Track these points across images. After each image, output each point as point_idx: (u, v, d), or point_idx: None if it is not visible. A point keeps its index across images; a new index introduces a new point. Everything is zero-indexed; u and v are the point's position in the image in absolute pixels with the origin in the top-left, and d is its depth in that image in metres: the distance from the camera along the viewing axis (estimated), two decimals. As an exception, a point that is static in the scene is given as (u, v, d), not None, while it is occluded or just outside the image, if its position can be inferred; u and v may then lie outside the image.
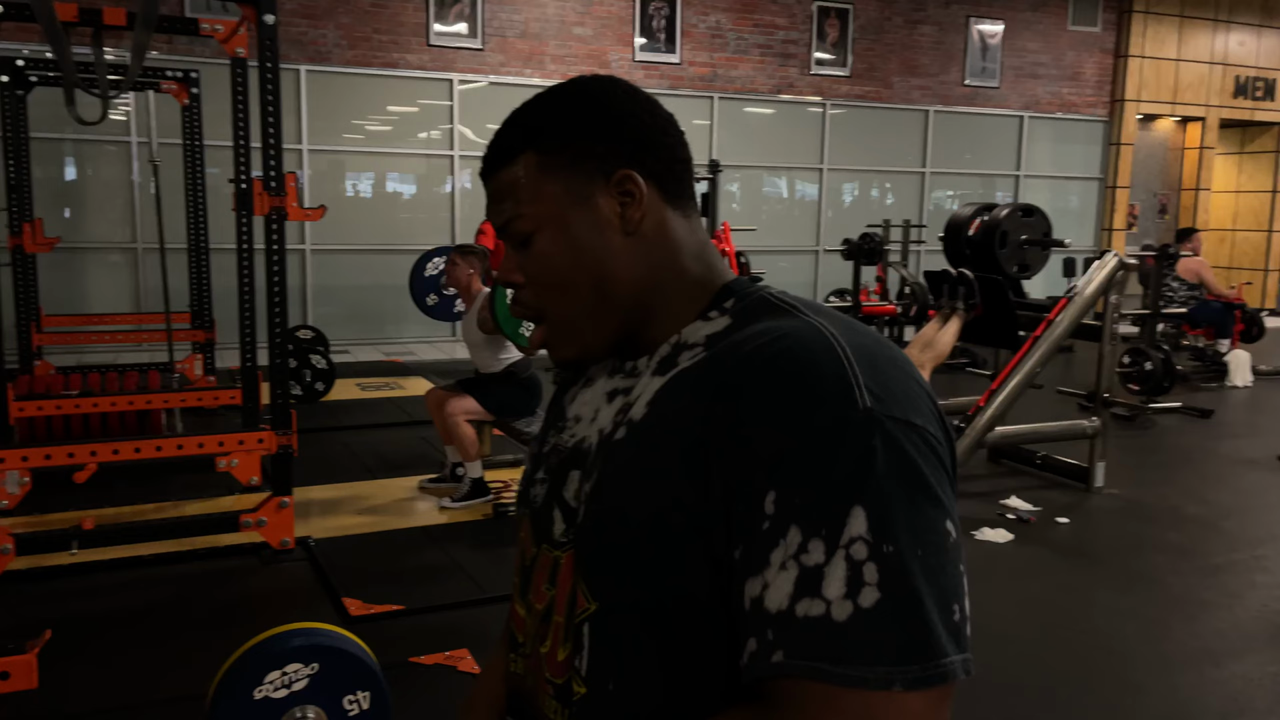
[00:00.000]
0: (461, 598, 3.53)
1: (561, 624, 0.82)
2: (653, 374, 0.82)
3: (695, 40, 10.65)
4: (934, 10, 11.68)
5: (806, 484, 0.66)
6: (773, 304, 0.80)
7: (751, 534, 0.68)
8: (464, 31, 9.71)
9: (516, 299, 0.87)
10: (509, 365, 4.69)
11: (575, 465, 0.85)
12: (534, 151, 0.82)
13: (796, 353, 0.70)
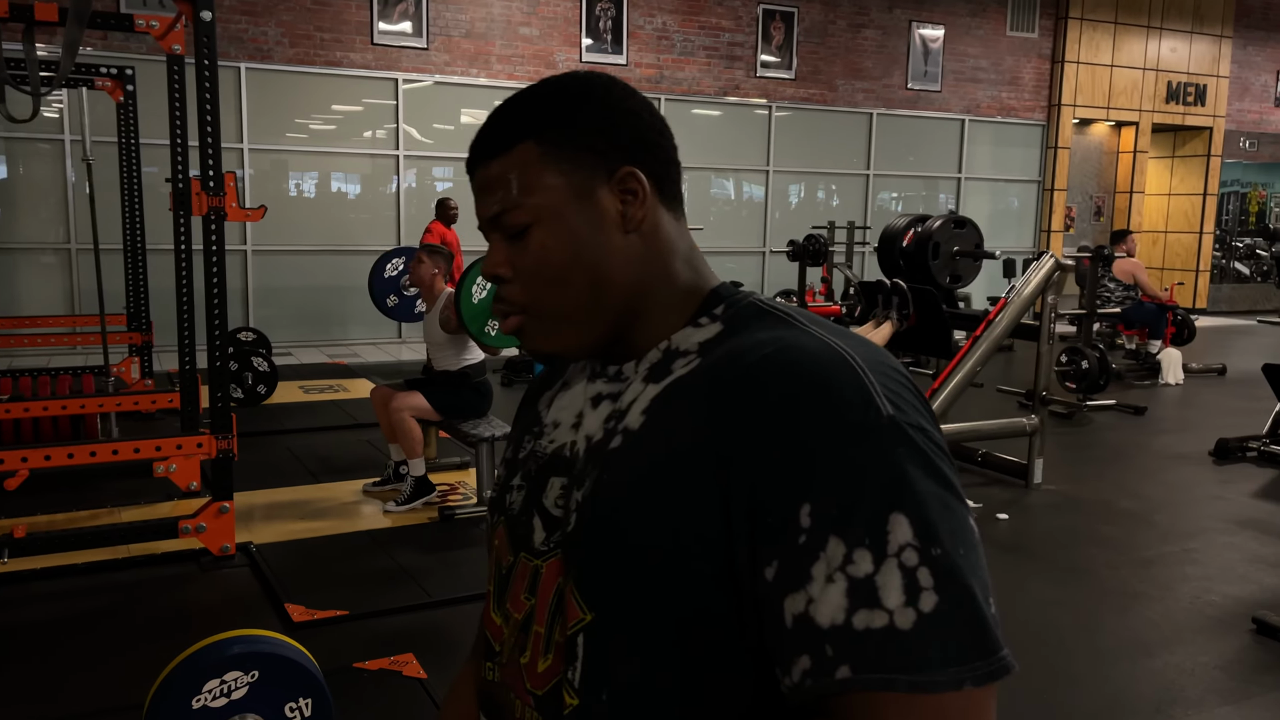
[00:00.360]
0: (407, 602, 3.50)
1: (542, 634, 0.80)
2: (643, 380, 0.80)
3: (642, 42, 10.67)
4: (877, 14, 11.83)
5: (842, 494, 0.65)
6: (766, 311, 0.79)
7: (786, 548, 0.66)
8: (408, 30, 9.63)
9: (501, 294, 0.83)
10: (466, 366, 4.67)
11: (556, 472, 0.83)
12: (535, 142, 0.79)
13: (811, 364, 0.70)
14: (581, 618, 0.76)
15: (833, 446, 0.66)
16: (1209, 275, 14.49)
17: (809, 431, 0.67)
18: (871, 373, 0.70)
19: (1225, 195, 15.54)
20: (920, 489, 0.66)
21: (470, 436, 4.48)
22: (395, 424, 4.49)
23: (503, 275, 0.82)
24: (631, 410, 0.79)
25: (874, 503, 0.65)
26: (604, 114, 0.80)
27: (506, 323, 0.83)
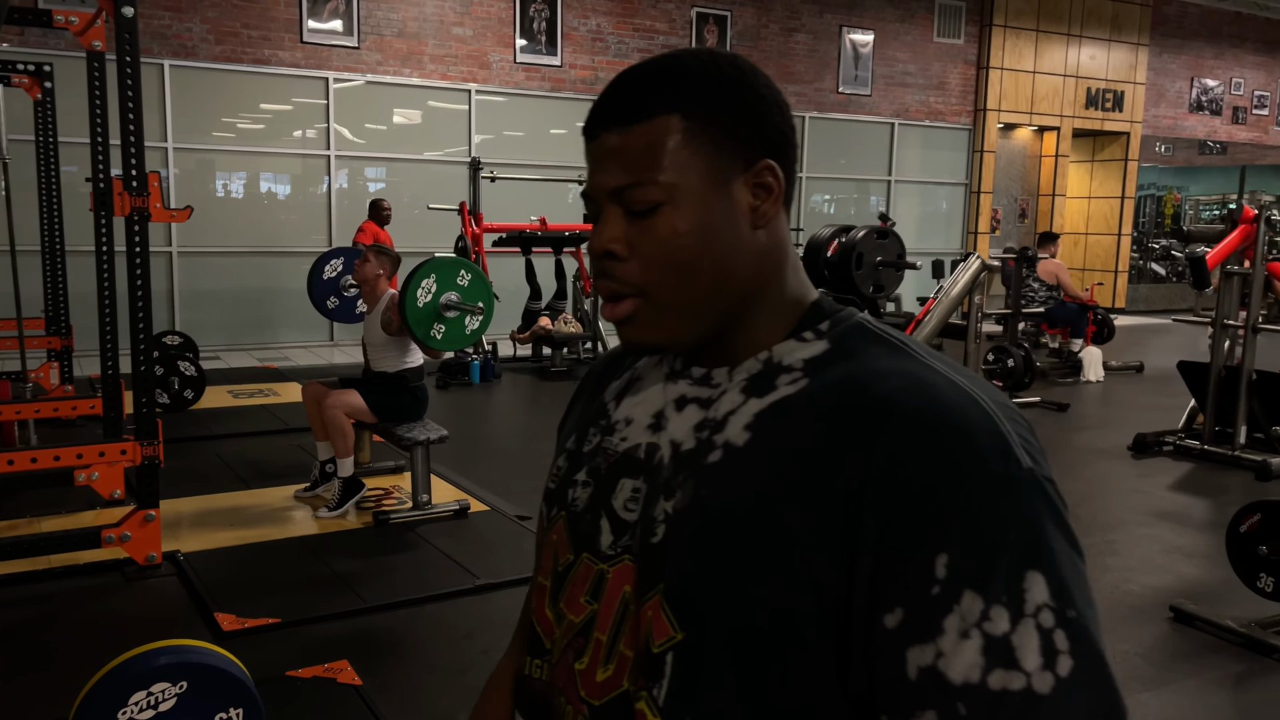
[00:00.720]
0: (341, 608, 3.45)
1: (604, 642, 0.77)
2: (741, 391, 0.76)
3: (576, 43, 10.67)
4: (808, 19, 11.99)
5: (981, 548, 0.63)
6: (876, 335, 0.76)
7: (916, 597, 0.64)
8: (339, 29, 9.49)
9: (612, 272, 0.76)
10: (405, 369, 4.62)
11: (628, 473, 0.80)
12: (680, 116, 0.74)
13: (949, 407, 0.67)
14: (672, 635, 0.72)
15: (974, 498, 0.64)
16: (1127, 276, 14.97)
17: (951, 481, 0.64)
18: (1005, 420, 0.68)
19: (1142, 198, 16.07)
20: (1055, 547, 0.64)
21: (405, 440, 4.44)
22: (328, 420, 4.42)
23: (617, 252, 0.76)
24: (730, 423, 0.75)
25: (1013, 559, 0.63)
26: (753, 100, 0.76)
27: (617, 307, 0.77)
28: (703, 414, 0.78)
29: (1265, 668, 3.19)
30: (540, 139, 10.67)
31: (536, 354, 8.95)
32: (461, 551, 4.03)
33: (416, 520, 4.38)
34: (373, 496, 4.70)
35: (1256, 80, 15.97)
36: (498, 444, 6.40)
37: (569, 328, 8.73)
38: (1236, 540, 3.47)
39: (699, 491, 0.74)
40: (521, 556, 4.01)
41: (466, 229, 8.43)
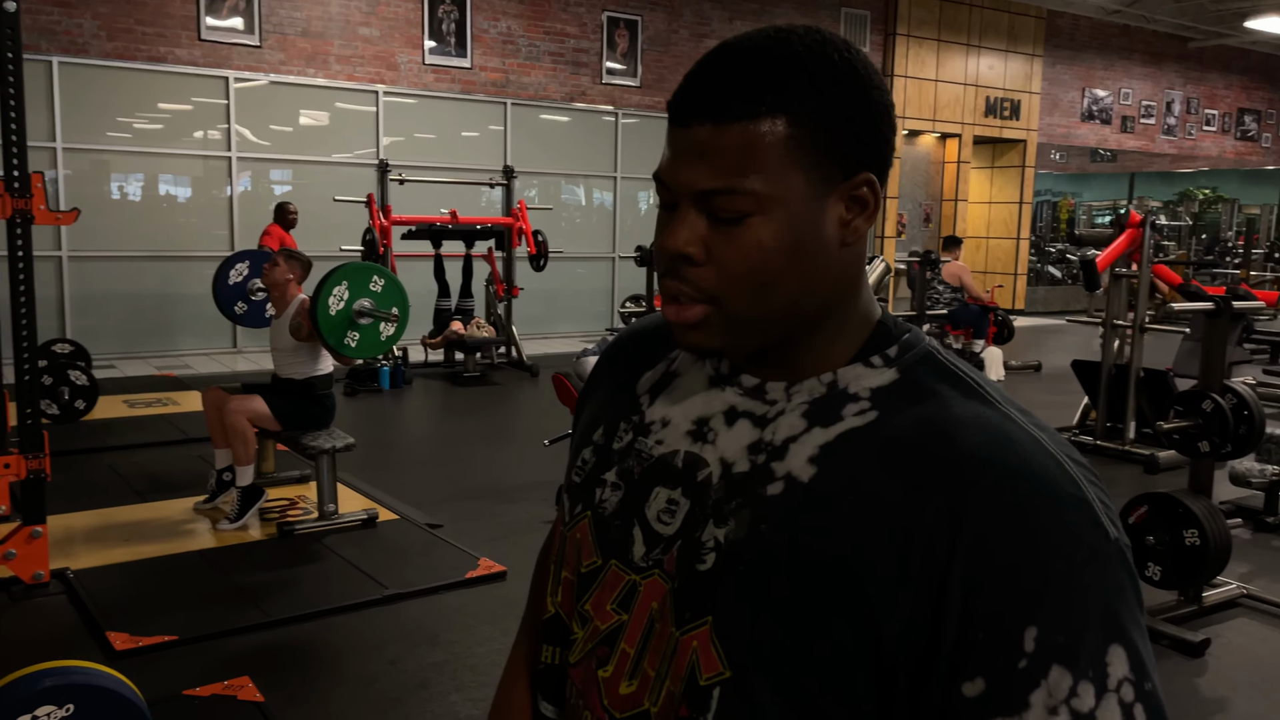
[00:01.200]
0: (242, 623, 3.35)
1: (630, 655, 0.75)
2: (803, 416, 0.72)
3: (486, 45, 10.59)
4: (718, 25, 12.12)
5: (1070, 622, 0.62)
6: (947, 370, 0.72)
7: (1001, 669, 0.62)
8: (239, 27, 9.23)
9: (685, 275, 0.70)
10: (314, 377, 4.50)
11: (663, 482, 0.76)
12: (787, 121, 0.67)
13: (1036, 471, 0.65)
14: (720, 672, 0.69)
15: (1064, 571, 0.62)
16: (1026, 278, 15.51)
17: (1042, 551, 0.62)
18: (1087, 483, 0.66)
19: (1039, 204, 16.69)
20: (1133, 619, 0.64)
21: (310, 449, 4.33)
22: (229, 426, 4.29)
23: (694, 257, 0.69)
24: (793, 453, 0.71)
25: (1098, 634, 0.62)
26: (865, 105, 0.69)
27: (685, 310, 0.71)
28: (758, 434, 0.73)
29: (1156, 654, 3.32)
30: (451, 141, 10.55)
31: (449, 359, 8.84)
32: (369, 561, 3.95)
33: (322, 531, 4.28)
34: (277, 507, 4.58)
35: (1143, 91, 16.71)
36: (408, 451, 6.31)
37: (481, 332, 8.66)
38: (1126, 531, 3.61)
39: (757, 526, 0.70)
40: (432, 565, 3.95)
41: (374, 222, 8.29)
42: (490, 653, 3.19)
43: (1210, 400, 3.79)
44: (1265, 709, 2.99)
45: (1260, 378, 8.24)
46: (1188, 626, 3.46)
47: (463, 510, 4.70)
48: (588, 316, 11.55)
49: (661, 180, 0.71)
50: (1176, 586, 3.57)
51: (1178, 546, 3.46)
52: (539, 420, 6.54)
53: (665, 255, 0.71)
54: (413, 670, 3.07)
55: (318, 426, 4.52)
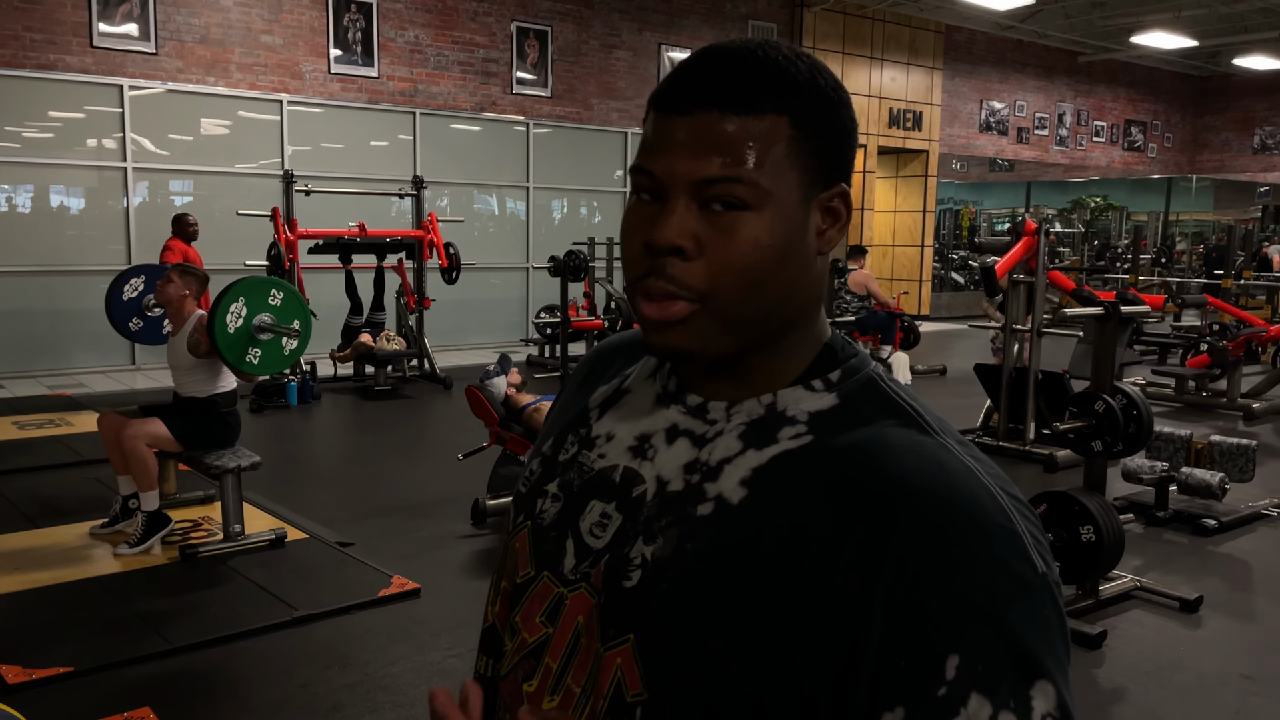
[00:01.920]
0: (143, 652, 3.22)
1: (553, 669, 0.74)
2: (739, 437, 0.72)
3: (394, 55, 10.45)
4: (628, 36, 12.20)
5: (993, 652, 0.61)
6: (887, 398, 0.72)
7: (921, 698, 0.61)
8: (134, 34, 8.93)
9: (669, 271, 0.68)
10: (216, 394, 4.36)
11: (599, 495, 0.76)
12: (790, 120, 0.68)
13: (966, 501, 0.64)
14: (640, 693, 0.68)
15: (990, 601, 0.62)
16: (930, 285, 15.95)
17: (968, 581, 0.62)
18: (1019, 516, 0.66)
19: (942, 212, 17.19)
20: (1059, 655, 0.63)
21: (214, 468, 4.20)
22: (127, 452, 4.14)
23: (686, 250, 0.67)
24: (725, 474, 0.70)
25: (1023, 666, 0.61)
26: (846, 121, 0.71)
27: (669, 307, 0.69)
28: (695, 453, 0.73)
29: (1054, 646, 3.45)
30: (359, 151, 10.38)
31: (359, 373, 8.68)
32: (278, 583, 3.85)
33: (228, 552, 4.16)
34: (180, 529, 4.42)
35: (1037, 103, 17.37)
36: (317, 468, 6.17)
37: (392, 345, 8.52)
38: (1026, 529, 3.74)
39: (683, 545, 0.69)
40: (344, 585, 3.87)
41: (280, 236, 8.09)
42: (404, 672, 3.14)
43: (1102, 401, 3.95)
44: (1160, 697, 3.12)
45: (1149, 378, 8.63)
46: (1085, 620, 3.59)
47: (375, 528, 4.62)
48: (501, 327, 11.47)
49: (647, 170, 0.69)
50: (1074, 581, 3.70)
51: (1075, 543, 3.60)
52: (453, 434, 6.46)
53: (654, 248, 0.68)
54: (324, 694, 3.00)
55: (222, 446, 4.39)
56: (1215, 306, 9.13)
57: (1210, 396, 8.24)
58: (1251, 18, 14.78)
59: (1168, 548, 4.63)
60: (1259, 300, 12.71)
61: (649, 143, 0.70)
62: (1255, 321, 8.44)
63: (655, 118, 0.70)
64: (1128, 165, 19.32)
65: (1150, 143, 19.59)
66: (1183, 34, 15.20)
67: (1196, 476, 4.86)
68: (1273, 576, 4.31)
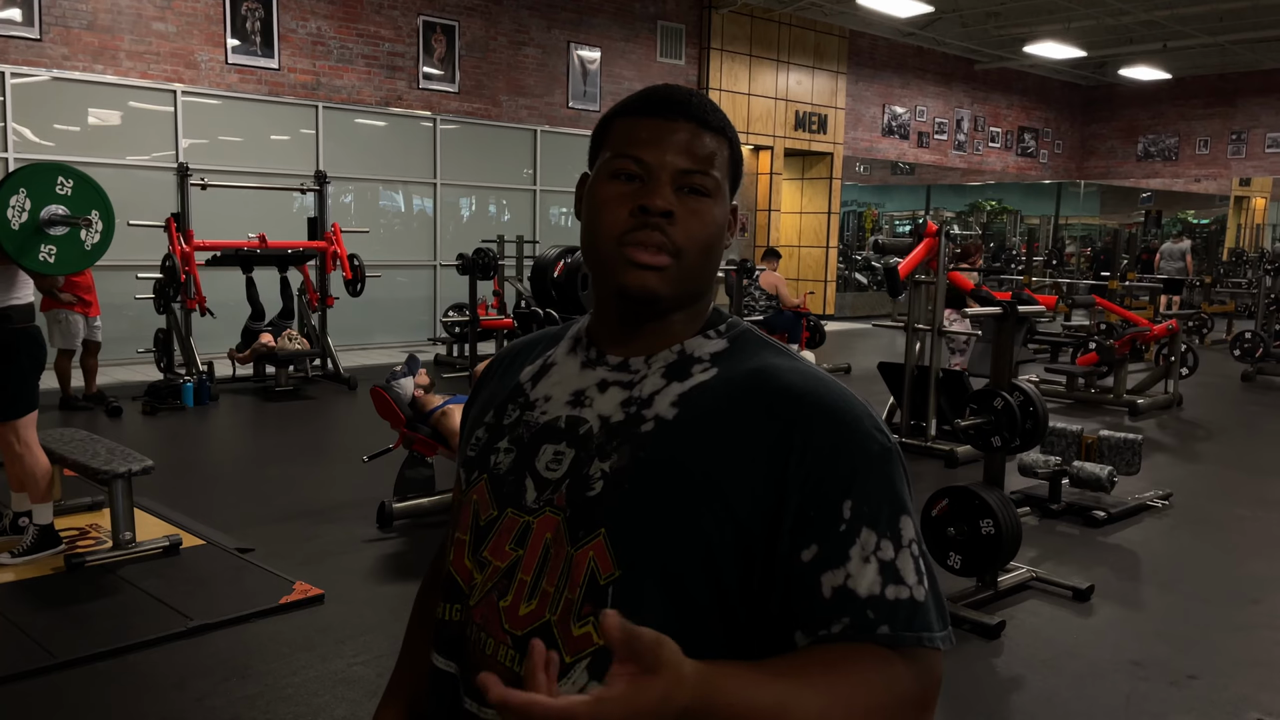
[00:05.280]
0: (26, 667, 3.06)
1: (527, 581, 0.90)
2: (662, 376, 0.94)
3: (295, 46, 10.16)
4: (537, 34, 12.11)
5: (874, 497, 0.87)
6: (763, 340, 0.98)
7: (828, 534, 0.85)
8: (16, 19, 8.49)
9: (662, 228, 0.91)
10: (7, 307, 3.85)
11: (550, 440, 0.95)
12: (728, 144, 0.97)
13: (839, 395, 0.91)
14: (613, 572, 0.87)
15: (867, 461, 0.88)
16: (835, 285, 16.26)
17: (851, 448, 0.87)
18: (869, 406, 0.92)
19: (846, 214, 17.54)
20: (911, 499, 0.90)
21: (102, 473, 4.01)
22: (13, 459, 3.88)
23: (676, 215, 0.91)
24: (657, 401, 0.92)
25: (891, 506, 0.87)
26: (741, 158, 1.00)
27: (658, 257, 0.91)
28: (627, 393, 0.94)
29: (956, 637, 3.52)
30: (259, 145, 10.06)
31: (259, 373, 8.41)
32: (171, 592, 3.70)
33: (118, 561, 3.98)
34: (66, 537, 4.21)
35: (936, 109, 17.87)
36: (214, 472, 5.95)
37: (294, 344, 8.28)
38: (929, 524, 3.83)
39: (636, 454, 0.90)
40: (243, 592, 3.74)
41: (175, 247, 7.78)
42: (307, 681, 3.04)
43: (1001, 398, 4.07)
44: (1057, 684, 3.23)
45: (1042, 375, 8.95)
46: (985, 610, 3.70)
47: (276, 533, 4.47)
48: (408, 326, 11.27)
49: (638, 158, 0.92)
50: (974, 573, 3.81)
51: (975, 536, 3.70)
52: (358, 436, 6.32)
53: (651, 210, 0.91)
54: (221, 706, 2.89)
55: (23, 382, 3.92)
56: (1103, 307, 9.52)
57: (1098, 393, 8.59)
58: (1136, 30, 15.47)
59: (1061, 539, 4.81)
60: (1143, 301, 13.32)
61: (640, 139, 0.93)
62: (1139, 321, 8.83)
63: (639, 122, 0.95)
64: (1021, 170, 20.04)
65: (1042, 149, 20.35)
66: (1072, 44, 15.83)
67: (1087, 470, 5.05)
68: (1159, 566, 4.51)
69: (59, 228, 3.95)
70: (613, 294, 0.95)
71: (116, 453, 4.22)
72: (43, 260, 3.91)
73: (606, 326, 0.99)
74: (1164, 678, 3.29)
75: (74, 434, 4.61)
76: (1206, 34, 15.43)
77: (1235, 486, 6.01)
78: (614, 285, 0.93)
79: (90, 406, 7.04)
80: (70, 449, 4.26)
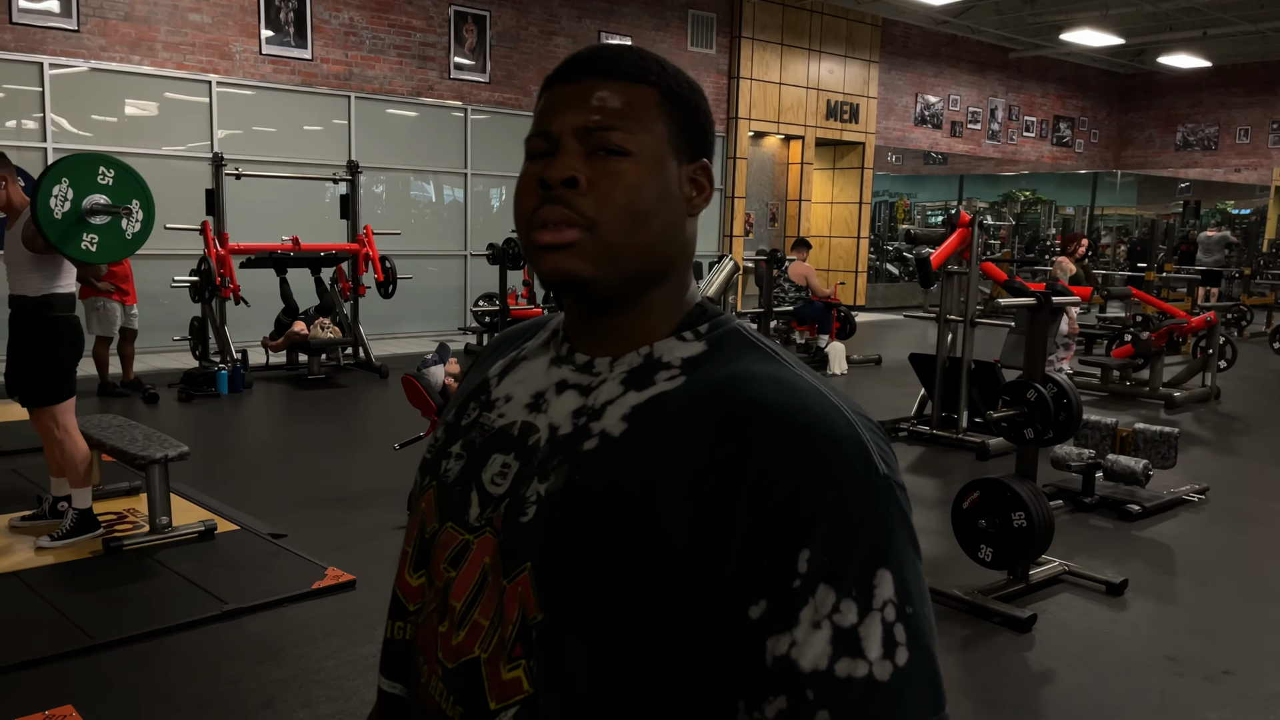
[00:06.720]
0: (65, 648, 3.12)
1: (458, 609, 0.80)
2: (621, 383, 0.80)
3: (328, 36, 10.23)
4: (567, 23, 12.10)
5: (839, 546, 0.68)
6: (750, 342, 0.81)
7: (778, 590, 0.68)
8: (55, 10, 8.61)
9: (566, 199, 0.77)
10: (51, 294, 3.95)
11: (500, 449, 0.83)
12: (659, 92, 0.81)
13: (817, 413, 0.72)
14: (536, 616, 0.74)
15: (837, 500, 0.69)
16: (866, 275, 16.15)
17: (817, 483, 0.69)
18: (864, 429, 0.73)
19: (877, 204, 17.40)
20: (902, 548, 0.70)
21: (140, 459, 4.08)
22: (57, 444, 3.97)
23: (578, 180, 0.77)
24: (608, 413, 0.78)
25: (865, 557, 0.68)
26: (703, 111, 0.85)
27: (562, 233, 0.78)
28: (581, 400, 0.81)
29: (988, 630, 3.52)
30: (292, 135, 10.15)
31: (292, 362, 8.50)
32: (206, 576, 3.75)
33: (154, 545, 4.04)
34: (104, 521, 4.28)
35: (970, 98, 17.67)
36: (248, 459, 6.03)
37: (326, 333, 8.36)
38: (960, 516, 3.80)
39: (572, 477, 0.76)
40: (276, 577, 3.79)
41: (210, 250, 7.86)
42: (339, 665, 3.08)
43: (1034, 390, 4.03)
44: (1088, 678, 3.20)
45: (1076, 367, 8.85)
46: (1016, 604, 3.67)
47: (308, 519, 4.52)
48: (439, 316, 11.33)
49: (542, 131, 0.80)
50: (1005, 566, 3.78)
51: (1007, 528, 3.67)
52: (389, 423, 6.37)
53: (549, 182, 0.78)
54: (255, 689, 2.93)
55: (56, 363, 4.00)
56: (1139, 298, 9.39)
57: (1134, 385, 8.48)
58: (1176, 16, 15.21)
59: (1094, 533, 4.76)
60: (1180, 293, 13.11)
61: (542, 111, 0.81)
62: (1177, 313, 8.70)
63: (549, 92, 0.82)
64: (1056, 160, 19.78)
65: (1078, 138, 20.07)
66: (1110, 32, 15.58)
67: (1122, 463, 4.99)
68: (1194, 560, 4.45)
69: (100, 217, 3.99)
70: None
71: (153, 438, 4.28)
72: (85, 249, 3.96)
73: (572, 321, 0.85)
74: (1199, 673, 3.25)
75: (112, 420, 4.68)
76: (1247, 21, 15.13)
77: (1273, 481, 5.92)
78: (539, 277, 0.81)
79: (128, 393, 7.15)
80: (108, 435, 4.33)
